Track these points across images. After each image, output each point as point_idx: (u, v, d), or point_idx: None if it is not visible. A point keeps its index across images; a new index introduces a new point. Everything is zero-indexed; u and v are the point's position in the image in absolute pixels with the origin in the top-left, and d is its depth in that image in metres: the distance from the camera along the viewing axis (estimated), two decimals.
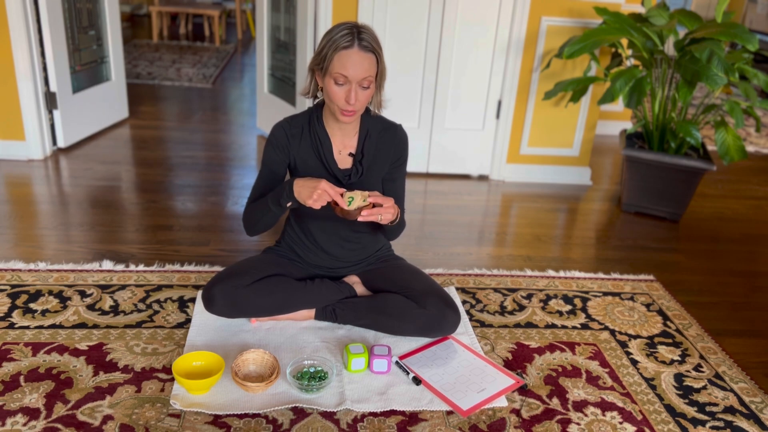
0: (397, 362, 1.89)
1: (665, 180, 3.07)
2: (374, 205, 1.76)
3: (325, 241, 2.03)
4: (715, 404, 1.86)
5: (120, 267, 2.33)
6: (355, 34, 1.71)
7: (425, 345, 1.99)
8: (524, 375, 1.92)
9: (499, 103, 3.37)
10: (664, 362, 2.04)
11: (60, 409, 1.64)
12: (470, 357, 1.95)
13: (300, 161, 1.91)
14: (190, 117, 4.27)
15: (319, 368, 1.80)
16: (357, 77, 1.72)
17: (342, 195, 1.74)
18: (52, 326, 1.97)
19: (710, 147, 4.10)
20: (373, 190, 1.93)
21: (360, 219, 1.74)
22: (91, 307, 2.08)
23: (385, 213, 1.76)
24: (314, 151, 1.91)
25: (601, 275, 2.54)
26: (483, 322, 2.17)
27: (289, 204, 1.81)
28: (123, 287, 2.21)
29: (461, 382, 1.84)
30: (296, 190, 1.76)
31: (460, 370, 1.89)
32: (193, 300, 2.16)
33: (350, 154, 1.92)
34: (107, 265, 2.33)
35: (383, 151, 1.95)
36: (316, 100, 1.93)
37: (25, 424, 1.59)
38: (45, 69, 3.27)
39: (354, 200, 1.73)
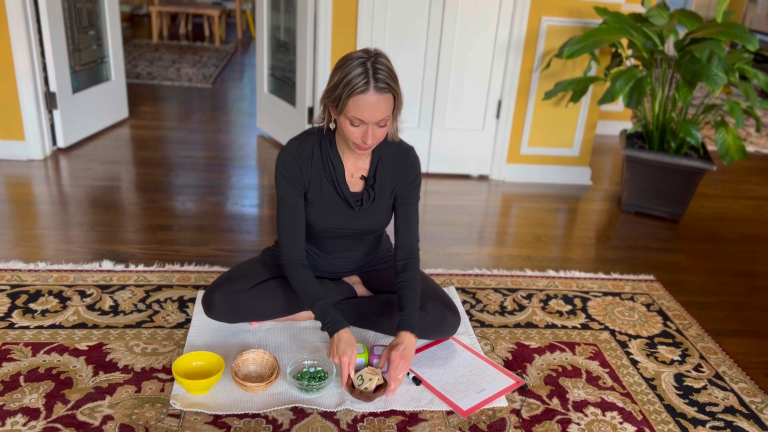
0: None
1: (665, 180, 3.07)
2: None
3: (327, 252, 2.01)
4: (715, 404, 1.86)
5: (120, 267, 2.33)
6: (371, 74, 1.60)
7: (425, 345, 1.99)
8: (524, 375, 1.92)
9: (499, 103, 3.37)
10: (664, 362, 2.03)
11: (60, 409, 1.64)
12: (470, 357, 1.95)
13: (312, 186, 1.85)
14: (190, 117, 4.27)
15: (319, 368, 1.80)
16: (373, 120, 1.64)
17: (350, 377, 1.74)
18: (52, 326, 1.97)
19: (710, 147, 4.10)
20: (383, 216, 1.90)
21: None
22: (91, 307, 2.08)
23: (400, 379, 1.75)
24: (326, 175, 1.84)
25: (601, 275, 2.53)
26: (483, 322, 2.17)
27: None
28: (123, 287, 2.21)
29: (461, 382, 1.84)
30: (332, 339, 1.77)
31: (460, 370, 1.89)
32: (192, 300, 2.16)
33: (362, 177, 1.87)
34: (107, 265, 2.33)
35: (395, 175, 1.88)
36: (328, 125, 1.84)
37: (25, 424, 1.59)
38: (45, 69, 3.27)
39: (364, 381, 1.73)
